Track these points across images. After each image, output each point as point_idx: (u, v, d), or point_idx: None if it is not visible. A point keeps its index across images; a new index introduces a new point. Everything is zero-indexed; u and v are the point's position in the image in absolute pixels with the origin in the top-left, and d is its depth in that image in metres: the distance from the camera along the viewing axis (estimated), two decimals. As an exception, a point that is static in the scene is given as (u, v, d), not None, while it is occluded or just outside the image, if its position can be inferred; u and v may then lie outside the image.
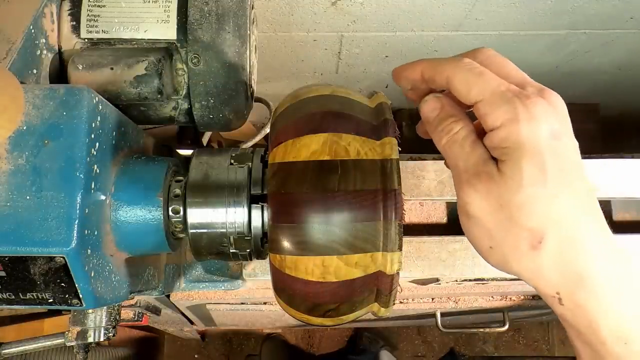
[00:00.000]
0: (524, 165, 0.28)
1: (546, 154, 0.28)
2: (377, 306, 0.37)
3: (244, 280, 0.61)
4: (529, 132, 0.28)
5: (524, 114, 0.28)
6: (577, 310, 0.29)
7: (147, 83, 0.42)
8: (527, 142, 0.28)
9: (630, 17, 0.81)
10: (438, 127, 0.32)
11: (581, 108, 1.18)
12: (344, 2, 0.75)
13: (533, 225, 0.28)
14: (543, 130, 0.28)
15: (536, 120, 0.28)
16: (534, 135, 0.28)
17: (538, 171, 0.28)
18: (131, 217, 0.38)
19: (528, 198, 0.28)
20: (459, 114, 0.32)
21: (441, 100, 0.33)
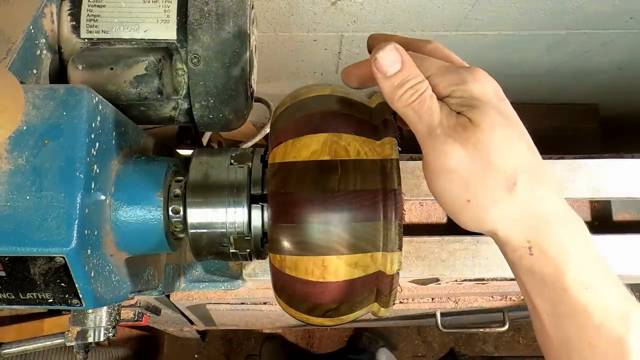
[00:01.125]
0: (490, 111, 0.30)
1: (500, 105, 0.31)
2: (377, 306, 0.37)
3: (244, 280, 0.61)
4: (480, 90, 0.31)
5: (470, 77, 0.31)
6: (543, 258, 0.30)
7: (147, 83, 0.42)
8: (481, 96, 0.31)
9: (630, 17, 0.81)
10: (404, 85, 0.31)
11: (581, 108, 1.18)
12: (344, 2, 0.75)
13: (507, 167, 0.30)
14: (489, 90, 0.31)
15: (481, 82, 0.31)
16: (484, 92, 0.31)
17: (502, 117, 0.30)
18: (131, 217, 0.38)
19: (500, 140, 0.30)
20: (418, 71, 0.31)
21: (401, 53, 0.31)
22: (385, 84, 0.31)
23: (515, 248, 0.31)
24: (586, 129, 1.17)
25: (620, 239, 0.61)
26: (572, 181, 0.62)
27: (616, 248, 0.60)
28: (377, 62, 0.31)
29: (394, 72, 0.31)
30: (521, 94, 1.13)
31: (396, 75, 0.31)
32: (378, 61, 0.31)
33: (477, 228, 0.32)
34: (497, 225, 0.31)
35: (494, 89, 0.32)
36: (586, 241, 0.31)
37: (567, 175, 0.62)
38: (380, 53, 0.31)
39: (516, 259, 0.31)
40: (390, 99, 0.31)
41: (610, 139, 1.19)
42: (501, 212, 0.30)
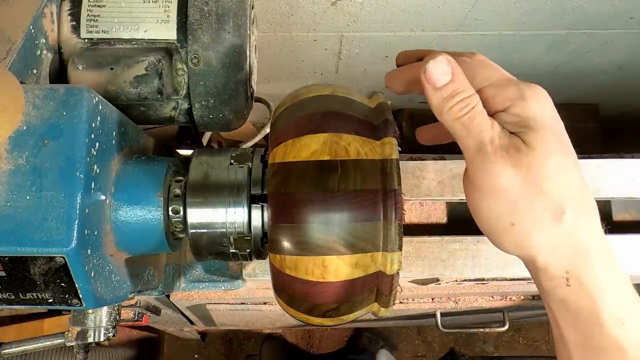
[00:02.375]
0: (547, 136, 0.29)
1: (557, 130, 0.30)
2: (377, 306, 0.37)
3: (244, 280, 0.61)
4: (539, 110, 0.30)
5: (530, 93, 0.30)
6: (581, 291, 0.29)
7: (147, 83, 0.42)
8: (540, 117, 0.30)
9: (630, 17, 0.81)
10: (454, 98, 0.29)
11: (581, 108, 1.18)
12: (344, 2, 0.75)
13: (558, 196, 0.29)
14: (548, 111, 0.30)
15: (541, 101, 0.30)
16: (543, 113, 0.30)
17: (559, 143, 0.30)
18: (131, 217, 0.38)
19: (554, 168, 0.29)
20: (469, 84, 0.30)
21: (452, 64, 0.29)
22: (434, 95, 0.30)
23: (551, 277, 0.30)
24: (586, 129, 1.17)
25: (620, 239, 0.61)
26: (572, 181, 0.62)
27: (616, 248, 0.60)
28: (427, 73, 0.29)
29: (444, 83, 0.29)
30: (521, 94, 1.12)
31: (446, 87, 0.29)
32: (428, 71, 0.29)
33: (516, 252, 0.31)
34: (537, 252, 0.30)
35: (553, 110, 0.31)
36: (621, 274, 0.31)
37: (567, 175, 0.62)
38: (431, 63, 0.29)
39: (550, 288, 0.31)
40: (439, 111, 0.30)
41: (610, 139, 1.19)
42: (544, 240, 0.29)
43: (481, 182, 0.30)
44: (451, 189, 0.60)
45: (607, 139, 1.17)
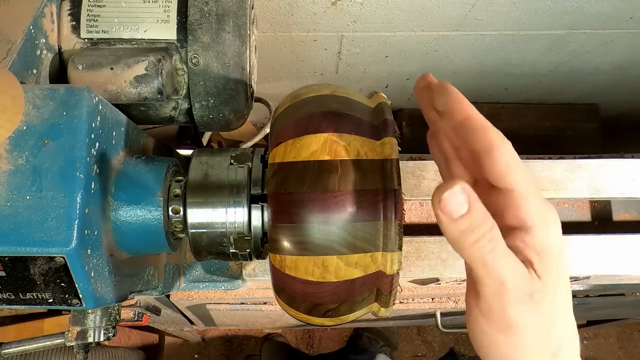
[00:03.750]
0: (561, 278, 0.29)
1: (564, 266, 0.30)
2: (377, 306, 0.37)
3: (244, 280, 0.61)
4: (555, 237, 0.29)
5: (553, 216, 0.29)
6: None
7: (147, 83, 0.42)
8: (555, 249, 0.29)
9: (630, 17, 0.81)
10: (473, 232, 0.27)
11: (581, 108, 1.18)
12: (344, 2, 0.75)
13: (561, 336, 0.30)
14: (560, 238, 0.30)
15: (558, 224, 0.30)
16: (557, 240, 0.29)
17: (565, 284, 0.30)
18: (131, 217, 0.38)
19: (563, 310, 0.30)
20: (488, 214, 0.27)
21: (468, 192, 0.26)
22: (451, 227, 0.27)
23: None
24: (586, 129, 1.17)
25: (620, 239, 0.61)
26: (572, 181, 0.62)
27: (616, 248, 0.60)
28: (443, 204, 0.26)
29: (461, 214, 0.26)
30: (521, 94, 1.13)
31: (463, 219, 0.26)
32: (443, 203, 0.26)
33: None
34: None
35: (560, 233, 0.30)
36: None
37: (567, 175, 0.62)
38: (448, 194, 0.26)
39: None
40: (457, 245, 0.27)
41: (610, 139, 1.19)
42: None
43: (495, 319, 0.29)
44: (451, 189, 0.60)
45: (607, 139, 1.17)
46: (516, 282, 0.28)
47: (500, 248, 0.27)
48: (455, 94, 0.30)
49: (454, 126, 0.30)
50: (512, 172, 0.28)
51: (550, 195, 0.62)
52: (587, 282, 0.67)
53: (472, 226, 0.26)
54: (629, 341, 1.59)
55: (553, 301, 0.29)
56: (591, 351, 1.57)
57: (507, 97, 1.14)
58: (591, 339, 1.58)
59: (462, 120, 0.29)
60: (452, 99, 0.30)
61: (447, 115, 0.30)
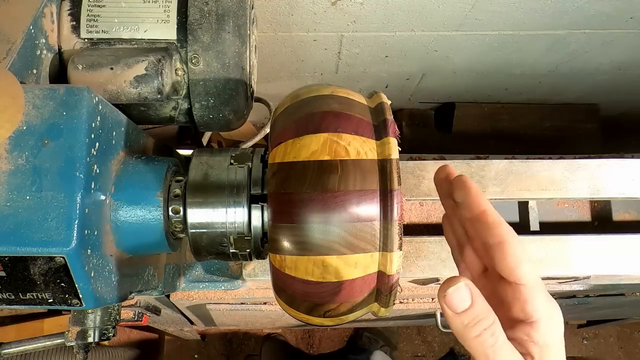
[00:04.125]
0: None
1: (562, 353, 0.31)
2: (377, 306, 0.37)
3: (244, 280, 0.61)
4: (558, 332, 0.31)
5: (557, 312, 0.31)
6: None
7: (147, 83, 0.42)
8: (557, 343, 0.31)
9: (630, 17, 0.81)
10: (476, 326, 0.29)
11: (581, 108, 1.18)
12: (344, 2, 0.75)
13: None
14: (561, 333, 0.31)
15: (561, 319, 0.31)
16: (559, 335, 0.31)
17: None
18: (131, 217, 0.38)
19: None
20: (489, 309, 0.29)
21: (471, 288, 0.29)
22: (455, 320, 0.29)
23: None
24: (586, 129, 1.17)
25: (620, 239, 0.61)
26: (572, 181, 0.62)
27: (616, 248, 0.60)
28: (447, 299, 0.29)
29: (465, 309, 0.29)
30: (521, 94, 1.13)
31: (467, 313, 0.29)
32: (448, 298, 0.29)
33: None
34: None
35: (562, 331, 0.32)
36: None
37: (567, 175, 0.62)
38: (452, 290, 0.28)
39: None
40: (461, 337, 0.29)
41: (610, 139, 1.19)
42: None
43: None
44: (451, 189, 0.60)
45: (607, 139, 1.17)
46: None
47: (501, 342, 0.29)
48: (473, 189, 0.33)
49: (469, 218, 0.33)
50: (521, 267, 0.31)
51: (550, 195, 0.62)
52: (587, 282, 0.67)
53: (474, 320, 0.28)
54: (629, 341, 1.59)
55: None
56: (591, 351, 1.57)
57: (507, 97, 1.14)
58: (591, 339, 1.58)
59: (478, 215, 0.32)
60: (471, 194, 0.33)
61: (464, 208, 0.33)
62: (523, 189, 0.61)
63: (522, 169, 0.62)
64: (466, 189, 0.33)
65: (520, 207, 0.67)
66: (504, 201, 0.64)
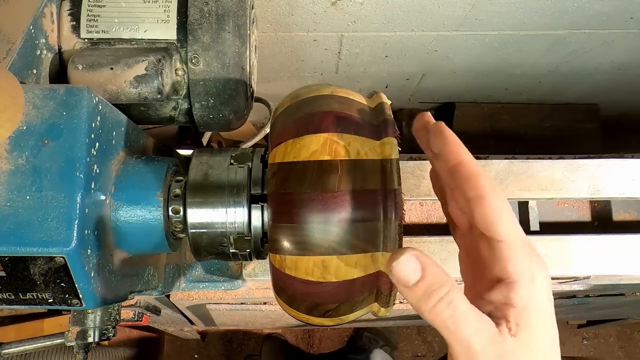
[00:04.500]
0: (545, 335, 0.28)
1: (549, 319, 0.29)
2: (377, 306, 0.37)
3: (244, 280, 0.61)
4: (541, 294, 0.28)
5: (541, 272, 0.29)
6: None
7: (147, 83, 0.42)
8: (540, 306, 0.28)
9: (630, 17, 0.81)
10: (430, 297, 0.26)
11: (581, 108, 1.18)
12: (344, 2, 0.75)
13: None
14: (547, 294, 0.29)
15: (545, 280, 0.29)
16: (543, 297, 0.28)
17: (546, 342, 0.28)
18: (131, 217, 0.38)
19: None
20: (446, 274, 0.27)
21: (419, 257, 0.26)
22: (408, 294, 0.27)
23: None
24: (586, 129, 1.17)
25: (620, 239, 0.61)
26: (572, 181, 0.62)
27: (616, 248, 0.60)
28: (394, 274, 0.27)
29: (415, 281, 0.26)
30: (521, 94, 1.13)
31: (418, 286, 0.26)
32: (395, 271, 0.26)
33: None
34: None
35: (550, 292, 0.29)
36: None
37: (567, 175, 0.62)
38: (395, 265, 0.26)
39: None
40: (419, 311, 0.27)
41: (610, 139, 1.19)
42: None
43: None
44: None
45: (607, 139, 1.17)
46: (482, 344, 0.27)
47: (461, 311, 0.27)
48: (449, 137, 0.30)
49: (447, 170, 0.30)
50: (500, 223, 0.28)
51: (550, 195, 0.62)
52: (587, 282, 0.67)
53: (427, 292, 0.26)
54: (629, 341, 1.59)
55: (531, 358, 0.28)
56: (591, 351, 1.57)
57: (507, 97, 1.14)
58: (591, 339, 1.58)
59: (455, 166, 0.29)
60: (447, 143, 0.30)
61: (442, 158, 0.30)
62: (523, 189, 0.61)
63: (522, 169, 0.62)
64: (443, 138, 0.30)
65: (520, 207, 0.67)
66: (504, 201, 0.64)
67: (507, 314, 0.28)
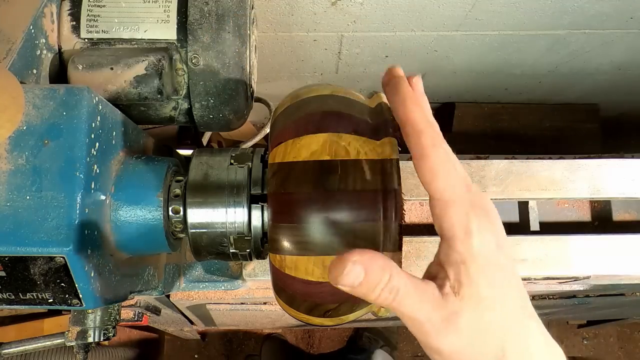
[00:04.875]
0: (483, 290, 0.28)
1: (495, 270, 0.28)
2: (377, 306, 0.37)
3: (244, 280, 0.61)
4: (482, 246, 0.28)
5: (479, 224, 0.28)
6: None
7: (147, 83, 0.42)
8: (482, 258, 0.28)
9: (630, 17, 0.81)
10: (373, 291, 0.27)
11: (581, 108, 1.18)
12: (344, 2, 0.75)
13: (497, 343, 0.28)
14: (491, 243, 0.29)
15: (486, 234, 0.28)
16: (483, 252, 0.28)
17: (493, 293, 0.28)
18: (131, 217, 0.38)
19: (490, 322, 0.28)
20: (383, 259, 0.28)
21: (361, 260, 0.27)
22: (354, 292, 0.28)
23: None
24: (586, 129, 1.17)
25: (620, 239, 0.61)
26: (572, 181, 0.62)
27: (616, 248, 0.60)
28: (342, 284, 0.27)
29: (359, 282, 0.27)
30: (521, 94, 1.13)
31: (361, 285, 0.27)
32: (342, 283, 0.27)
33: None
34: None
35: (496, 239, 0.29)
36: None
37: (567, 175, 0.62)
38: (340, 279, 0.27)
39: None
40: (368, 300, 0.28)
41: (610, 139, 1.19)
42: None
43: (427, 349, 0.29)
44: (451, 189, 0.60)
45: (607, 139, 1.17)
46: (426, 314, 0.28)
47: (403, 292, 0.27)
48: (402, 93, 0.30)
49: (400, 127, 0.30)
50: (436, 180, 0.28)
51: (550, 195, 0.62)
52: (587, 282, 0.67)
53: (370, 288, 0.27)
54: (629, 341, 1.59)
55: (477, 313, 0.28)
56: (591, 351, 1.57)
57: (507, 97, 1.14)
58: (591, 339, 1.58)
59: (403, 124, 0.30)
60: (398, 99, 0.30)
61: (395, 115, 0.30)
62: (523, 189, 0.61)
63: (522, 169, 0.62)
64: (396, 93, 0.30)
65: (520, 207, 0.67)
66: (504, 201, 0.64)
67: (448, 272, 0.28)
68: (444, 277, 0.29)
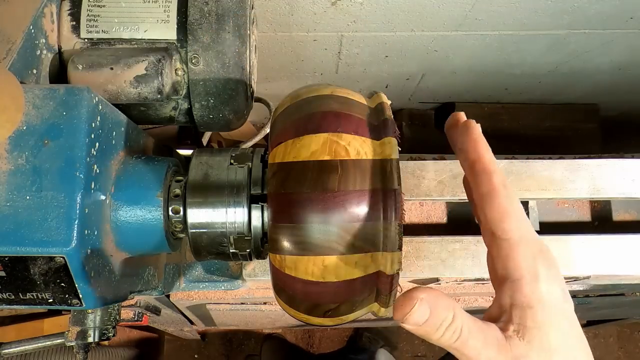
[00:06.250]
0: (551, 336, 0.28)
1: (562, 318, 0.28)
2: (377, 306, 0.37)
3: (244, 280, 0.61)
4: (548, 292, 0.28)
5: (547, 271, 0.28)
6: None
7: (147, 83, 0.42)
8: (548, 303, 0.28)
9: (630, 17, 0.81)
10: (437, 331, 0.27)
11: (581, 108, 1.18)
12: (344, 2, 0.75)
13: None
14: (557, 291, 0.29)
15: (553, 280, 0.29)
16: (551, 295, 0.28)
17: (561, 341, 0.28)
18: (131, 217, 0.38)
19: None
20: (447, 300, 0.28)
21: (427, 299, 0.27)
22: (417, 331, 0.28)
23: None
24: (586, 129, 1.17)
25: (620, 239, 0.61)
26: (572, 181, 0.62)
27: (616, 248, 0.60)
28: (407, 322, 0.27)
29: (424, 321, 0.27)
30: (521, 94, 1.13)
31: (426, 324, 0.27)
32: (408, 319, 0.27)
33: None
34: None
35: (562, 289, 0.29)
36: None
37: (567, 175, 0.62)
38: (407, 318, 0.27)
39: None
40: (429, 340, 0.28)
41: (610, 139, 1.19)
42: None
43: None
44: (451, 189, 0.60)
45: (607, 139, 1.17)
46: (491, 357, 0.27)
47: (466, 333, 0.27)
48: (472, 134, 0.30)
49: (467, 166, 0.30)
50: (506, 220, 0.29)
51: (550, 195, 0.62)
52: (587, 282, 0.67)
53: (435, 327, 0.27)
54: (629, 341, 1.59)
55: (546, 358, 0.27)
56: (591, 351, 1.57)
57: (507, 97, 1.14)
58: (591, 339, 1.58)
59: (472, 161, 0.30)
60: (470, 139, 0.30)
61: (463, 154, 0.31)
62: (523, 189, 0.61)
63: (522, 169, 0.62)
64: (468, 134, 0.30)
65: (520, 207, 0.67)
66: (504, 201, 0.64)
67: (512, 315, 0.28)
68: (507, 320, 0.28)
